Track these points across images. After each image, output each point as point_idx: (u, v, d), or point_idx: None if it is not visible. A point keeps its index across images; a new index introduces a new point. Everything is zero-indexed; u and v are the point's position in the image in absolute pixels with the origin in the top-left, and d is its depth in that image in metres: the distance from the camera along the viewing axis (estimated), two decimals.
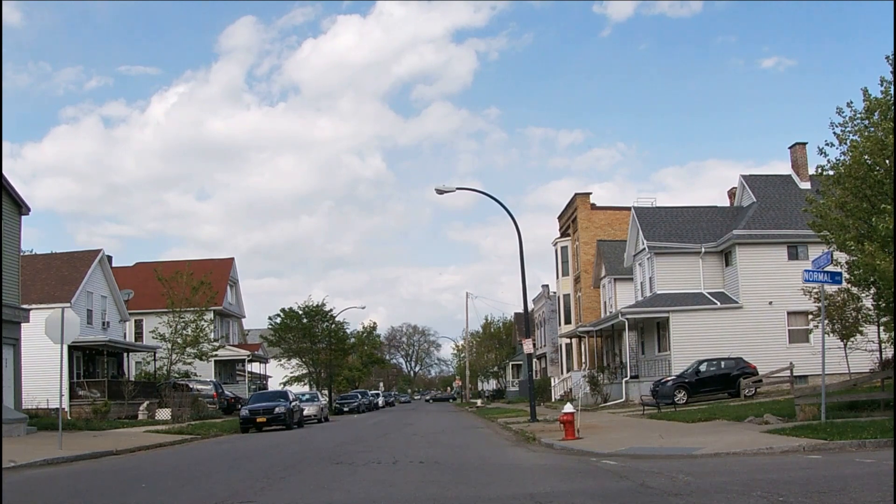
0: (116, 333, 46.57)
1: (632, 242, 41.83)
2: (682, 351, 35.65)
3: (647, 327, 39.10)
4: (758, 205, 38.78)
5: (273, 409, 31.68)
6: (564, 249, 56.38)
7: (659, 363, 36.97)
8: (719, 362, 33.48)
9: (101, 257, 44.45)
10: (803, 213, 38.66)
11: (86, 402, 38.38)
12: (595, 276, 50.91)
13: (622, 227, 52.77)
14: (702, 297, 37.33)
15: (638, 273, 41.37)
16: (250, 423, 31.44)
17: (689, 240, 38.72)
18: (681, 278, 38.12)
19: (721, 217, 40.63)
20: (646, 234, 38.77)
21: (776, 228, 37.46)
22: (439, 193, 29.53)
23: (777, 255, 36.94)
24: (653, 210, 40.90)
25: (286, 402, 32.79)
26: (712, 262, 38.43)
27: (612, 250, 48.37)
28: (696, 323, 36.17)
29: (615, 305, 46.21)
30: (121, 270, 63.79)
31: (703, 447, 15.14)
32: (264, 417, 31.43)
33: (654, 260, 38.39)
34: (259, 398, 34.06)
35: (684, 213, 40.81)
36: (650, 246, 38.28)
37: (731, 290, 37.50)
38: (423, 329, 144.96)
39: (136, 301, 56.01)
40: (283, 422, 31.77)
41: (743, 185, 40.89)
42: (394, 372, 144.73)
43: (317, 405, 40.59)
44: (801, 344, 36.07)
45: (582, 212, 53.98)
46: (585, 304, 52.56)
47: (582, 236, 53.52)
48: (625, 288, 45.96)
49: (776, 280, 36.38)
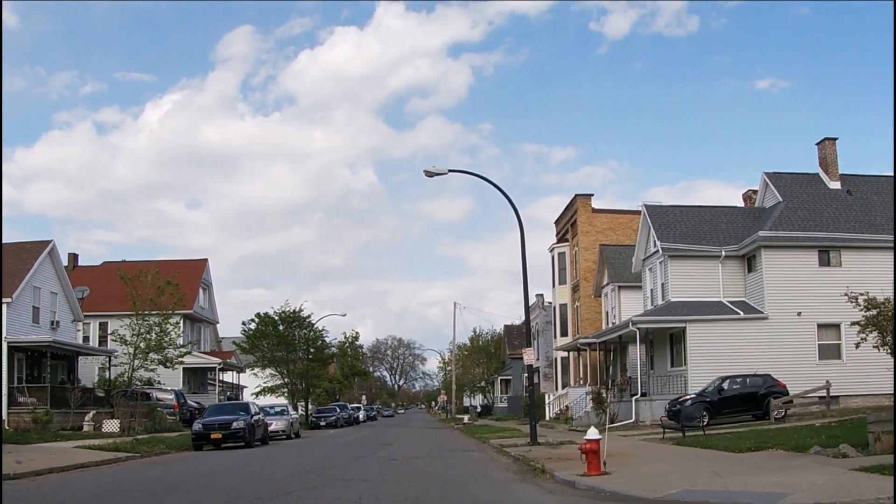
0: (68, 334, 42.07)
1: (641, 245, 37.64)
2: (700, 366, 31.48)
3: (659, 339, 34.92)
4: (784, 205, 34.74)
5: (230, 424, 27.24)
6: (562, 255, 52.12)
7: (672, 380, 32.74)
8: (745, 379, 29.33)
9: (50, 248, 39.85)
10: (835, 215, 35.65)
11: (25, 409, 33.90)
12: (596, 283, 46.71)
13: (625, 232, 48.76)
14: (721, 307, 33.19)
15: (648, 279, 37.16)
16: (204, 440, 27.06)
17: (707, 242, 34.60)
18: (697, 285, 33.98)
19: (742, 218, 36.55)
20: (659, 235, 34.59)
21: (806, 231, 33.45)
22: (429, 175, 25.60)
23: (807, 260, 32.97)
24: (666, 209, 36.67)
25: (246, 415, 28.36)
26: (733, 268, 34.31)
27: (615, 256, 44.25)
28: (716, 335, 31.99)
29: (619, 315, 42.01)
30: (87, 270, 60.36)
31: (789, 492, 10.89)
32: (220, 433, 26.99)
33: (669, 264, 34.19)
34: (216, 411, 29.55)
35: (701, 214, 36.66)
36: (664, 248, 34.10)
37: (753, 299, 33.40)
38: (408, 342, 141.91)
39: (102, 302, 51.84)
40: (242, 438, 27.36)
41: (766, 183, 36.84)
42: (377, 385, 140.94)
43: (285, 419, 36.04)
44: (832, 361, 32.15)
45: (582, 215, 49.78)
46: (584, 315, 48.33)
47: (582, 241, 49.32)
48: (630, 297, 41.82)
49: (805, 288, 32.44)
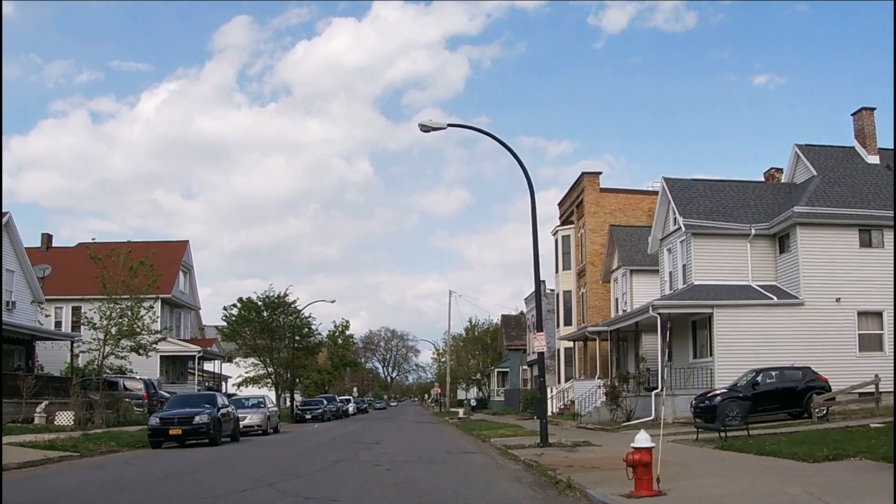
0: (26, 316, 38.32)
1: (659, 223, 33.97)
2: (728, 357, 27.92)
3: (679, 327, 31.34)
4: (820, 179, 31.14)
5: (192, 419, 23.56)
6: (566, 239, 48.36)
7: (696, 373, 29.15)
8: (782, 373, 25.77)
9: (6, 221, 36.10)
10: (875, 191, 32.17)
11: None
12: (605, 268, 43.05)
13: (636, 214, 45.22)
14: (751, 291, 29.61)
15: (666, 261, 33.52)
16: (161, 436, 23.45)
17: (735, 219, 30.99)
18: (723, 267, 30.40)
19: (771, 194, 32.93)
20: (681, 210, 30.93)
21: (845, 207, 29.86)
22: (425, 130, 22.19)
23: (846, 240, 29.44)
24: (688, 182, 32.95)
25: (212, 408, 24.67)
26: (762, 248, 30.72)
27: (627, 237, 40.60)
28: (746, 322, 28.38)
29: (630, 302, 38.41)
30: (61, 251, 57.12)
31: None
32: (179, 429, 23.34)
33: (692, 243, 30.55)
34: (178, 403, 25.83)
35: (727, 188, 32.98)
36: (687, 225, 30.44)
37: (785, 283, 29.83)
38: (401, 334, 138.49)
39: (76, 285, 48.59)
40: (207, 434, 23.70)
41: (798, 156, 33.21)
42: (370, 377, 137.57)
43: (261, 413, 32.31)
44: (873, 353, 28.67)
45: (590, 194, 46.04)
46: (591, 303, 44.66)
47: (589, 222, 45.62)
48: (644, 281, 38.23)
49: (845, 272, 28.97)
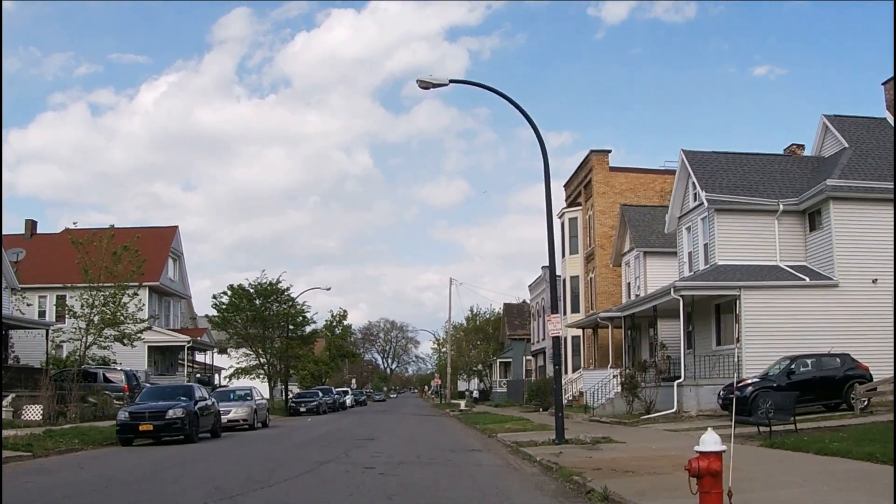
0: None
1: (677, 199, 31.49)
2: (757, 344, 25.45)
3: (701, 312, 28.94)
4: (852, 150, 28.67)
5: (164, 413, 21.12)
6: (573, 221, 45.90)
7: (721, 360, 26.73)
8: (819, 360, 23.36)
9: None
10: None
11: None
12: (616, 250, 40.59)
13: (647, 194, 42.83)
14: (780, 272, 27.17)
15: (686, 240, 31.05)
16: (131, 432, 21.04)
17: (760, 194, 28.53)
18: (749, 246, 27.96)
19: (798, 168, 30.46)
20: (703, 185, 28.44)
21: (880, 181, 27.39)
22: (424, 87, 19.79)
23: (883, 216, 26.92)
24: (709, 155, 30.42)
25: (188, 401, 22.23)
26: (791, 225, 28.28)
27: (640, 217, 38.17)
28: (777, 305, 25.94)
29: (644, 286, 35.99)
30: (46, 238, 54.97)
31: None
32: (150, 424, 20.89)
33: (716, 220, 28.07)
34: (151, 395, 23.37)
35: (751, 162, 30.46)
36: (710, 200, 27.95)
37: (817, 263, 27.39)
38: (401, 325, 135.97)
39: (61, 273, 46.22)
40: (181, 430, 21.27)
41: (827, 127, 30.69)
42: (369, 369, 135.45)
43: (247, 406, 29.81)
44: None
45: (598, 173, 43.58)
46: (601, 288, 42.23)
47: (598, 203, 43.15)
48: (659, 264, 35.85)
49: (882, 251, 26.40)
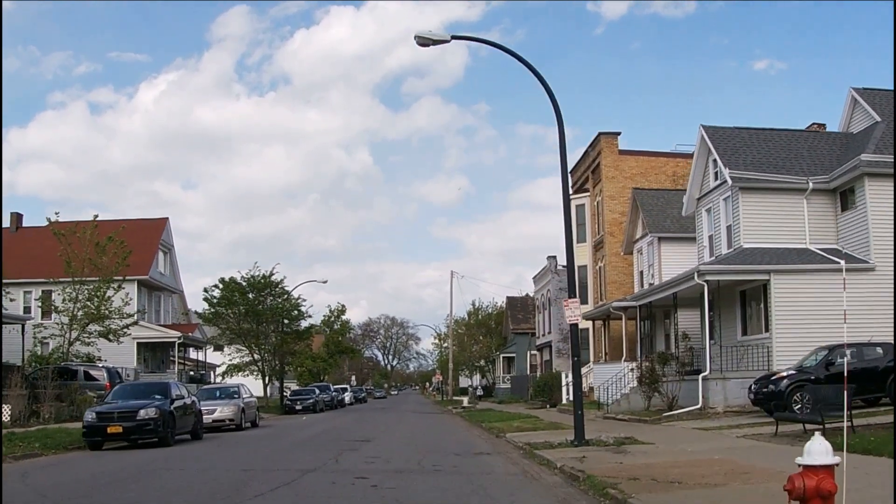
0: None
1: (696, 179, 29.23)
2: (788, 333, 23.28)
3: (725, 299, 26.72)
4: (886, 125, 26.41)
5: (135, 413, 18.94)
6: (580, 209, 43.58)
7: (749, 351, 24.53)
8: (860, 350, 21.05)
9: None
10: None
11: None
12: (627, 237, 38.36)
13: (659, 179, 40.60)
14: (811, 255, 24.93)
15: (706, 223, 28.80)
16: (100, 435, 18.90)
17: (788, 171, 26.30)
18: (775, 227, 25.69)
19: (826, 144, 28.20)
20: (726, 162, 26.19)
21: None
22: (422, 44, 17.76)
23: None
24: (731, 131, 28.14)
25: (163, 400, 20.03)
26: (820, 205, 26.02)
27: (653, 201, 35.92)
28: (809, 291, 23.65)
29: (658, 274, 33.79)
30: (32, 230, 52.85)
31: None
32: (119, 426, 18.73)
33: (740, 199, 25.81)
34: (123, 394, 21.14)
35: (776, 138, 28.19)
36: (734, 178, 25.70)
37: (850, 245, 25.15)
38: (401, 321, 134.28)
39: (47, 268, 44.27)
40: (154, 432, 19.10)
41: (855, 101, 28.42)
42: (369, 365, 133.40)
43: (233, 405, 27.54)
44: None
45: (607, 157, 41.33)
46: (611, 277, 40.03)
47: (607, 188, 40.92)
48: (674, 250, 33.62)
49: None
